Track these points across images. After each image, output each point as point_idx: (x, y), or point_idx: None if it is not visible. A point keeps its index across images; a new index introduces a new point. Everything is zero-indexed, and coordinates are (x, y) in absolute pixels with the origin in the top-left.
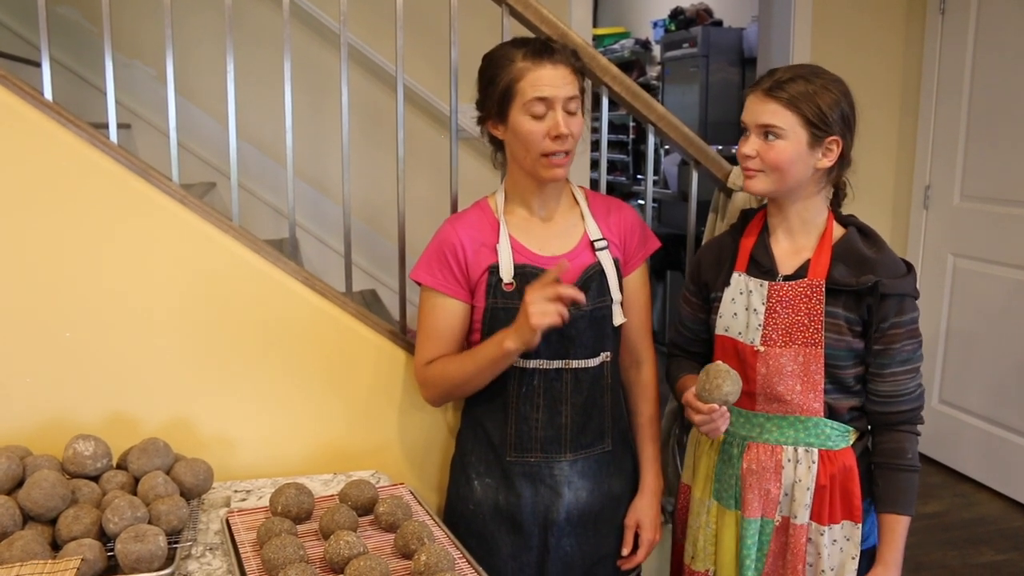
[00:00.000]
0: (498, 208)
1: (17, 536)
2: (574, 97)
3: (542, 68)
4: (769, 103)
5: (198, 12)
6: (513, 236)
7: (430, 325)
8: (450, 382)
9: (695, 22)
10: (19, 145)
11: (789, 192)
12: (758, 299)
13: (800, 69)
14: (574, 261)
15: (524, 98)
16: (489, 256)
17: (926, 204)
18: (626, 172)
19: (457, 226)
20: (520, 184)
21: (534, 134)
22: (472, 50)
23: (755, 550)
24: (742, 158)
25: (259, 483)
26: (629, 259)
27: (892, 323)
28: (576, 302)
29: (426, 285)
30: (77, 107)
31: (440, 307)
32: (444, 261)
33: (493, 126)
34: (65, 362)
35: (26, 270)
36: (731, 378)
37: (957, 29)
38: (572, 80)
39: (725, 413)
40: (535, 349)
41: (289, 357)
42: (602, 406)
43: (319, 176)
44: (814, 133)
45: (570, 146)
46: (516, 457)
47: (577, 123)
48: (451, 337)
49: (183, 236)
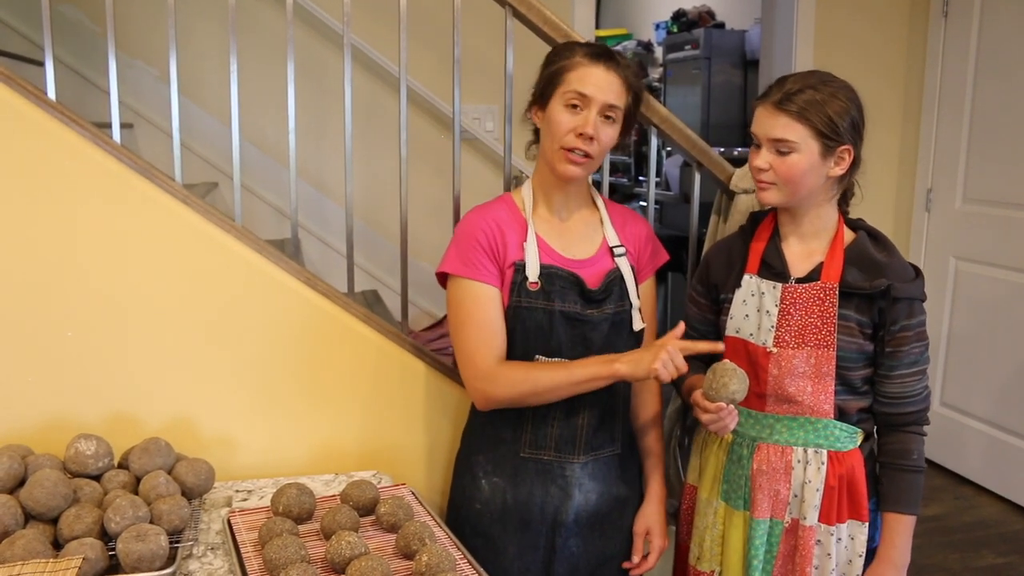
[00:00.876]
0: (526, 206)
1: (19, 535)
2: (615, 107)
3: (595, 67)
4: (780, 116)
5: (201, 12)
6: (539, 235)
7: (481, 317)
8: (533, 386)
9: (697, 24)
10: (22, 144)
11: (802, 201)
12: (771, 301)
13: (809, 78)
14: (595, 265)
15: (567, 86)
16: (516, 252)
17: (928, 207)
18: (628, 173)
19: (486, 215)
20: (546, 180)
21: (563, 125)
22: (474, 52)
23: (763, 551)
24: (755, 171)
25: (260, 483)
26: (641, 270)
27: (902, 326)
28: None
29: (462, 276)
30: (79, 106)
31: (483, 296)
32: (478, 247)
33: (536, 111)
34: (67, 361)
35: (28, 269)
36: (738, 376)
37: (959, 32)
38: (620, 91)
39: (733, 411)
40: (557, 347)
41: (291, 357)
42: (615, 410)
43: (321, 176)
44: (826, 144)
45: (593, 150)
46: (531, 453)
47: (608, 133)
48: (500, 326)
49: (185, 236)
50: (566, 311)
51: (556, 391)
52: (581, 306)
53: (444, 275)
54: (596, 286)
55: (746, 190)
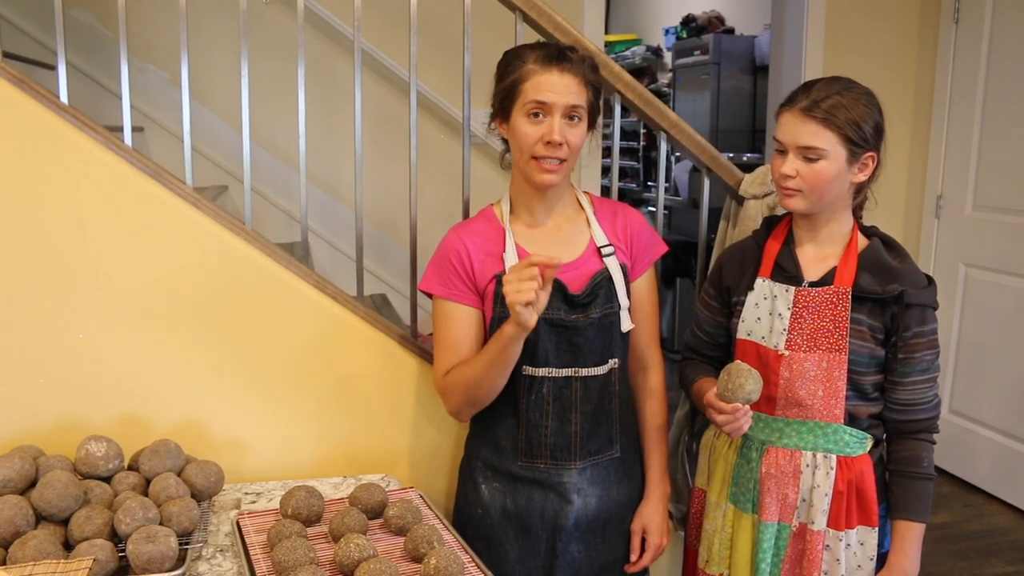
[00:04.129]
0: (503, 216)
1: (30, 536)
2: (577, 107)
3: (548, 73)
4: (809, 123)
5: (212, 17)
6: (519, 245)
7: (445, 335)
8: (466, 384)
9: (707, 29)
10: (35, 147)
11: (824, 208)
12: (783, 304)
13: (833, 85)
14: (581, 268)
15: (525, 99)
16: (495, 265)
17: (938, 214)
18: (636, 179)
19: (462, 235)
20: (523, 190)
21: (529, 136)
22: (485, 56)
23: (771, 554)
24: (781, 178)
25: (269, 485)
26: (636, 264)
27: (915, 332)
28: (550, 266)
29: (436, 295)
30: (91, 110)
31: (453, 315)
32: (451, 269)
33: (500, 123)
34: (78, 364)
35: (40, 271)
36: (753, 377)
37: (971, 38)
38: (579, 90)
39: (748, 412)
40: (544, 356)
41: (300, 360)
42: (610, 413)
43: (330, 180)
44: (852, 150)
45: (564, 154)
46: (527, 462)
47: (576, 133)
48: (468, 345)
49: (196, 239)
50: (549, 318)
51: (485, 378)
52: (565, 312)
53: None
54: (580, 290)
55: (755, 195)
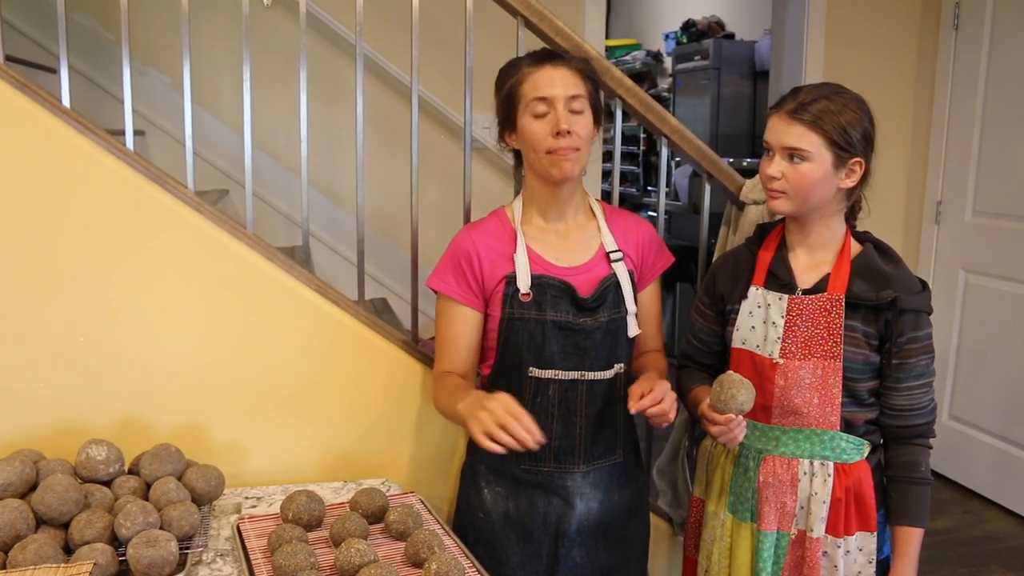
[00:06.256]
0: (515, 218)
1: (30, 539)
2: (577, 96)
3: (541, 70)
4: (794, 125)
5: (213, 20)
6: (530, 246)
7: (444, 333)
8: (440, 401)
9: (707, 34)
10: (37, 151)
11: (811, 211)
12: (777, 312)
13: (822, 89)
14: (590, 272)
15: (526, 99)
16: (506, 266)
17: (938, 219)
18: (636, 184)
19: (474, 234)
20: (537, 192)
21: (537, 133)
22: (486, 61)
23: (771, 563)
24: (767, 179)
25: (270, 490)
26: (645, 274)
27: (909, 338)
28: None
29: (440, 292)
30: (93, 113)
31: (454, 315)
32: (459, 269)
33: (508, 135)
34: (79, 367)
35: (41, 275)
36: (745, 387)
37: (971, 44)
38: (575, 81)
39: (742, 422)
40: (551, 358)
41: (301, 364)
42: (615, 418)
43: (331, 184)
44: (838, 155)
45: (576, 143)
46: (529, 466)
47: (582, 123)
48: (464, 345)
49: (197, 243)
50: (558, 320)
51: (449, 417)
52: (573, 315)
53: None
54: (589, 294)
55: (756, 201)
